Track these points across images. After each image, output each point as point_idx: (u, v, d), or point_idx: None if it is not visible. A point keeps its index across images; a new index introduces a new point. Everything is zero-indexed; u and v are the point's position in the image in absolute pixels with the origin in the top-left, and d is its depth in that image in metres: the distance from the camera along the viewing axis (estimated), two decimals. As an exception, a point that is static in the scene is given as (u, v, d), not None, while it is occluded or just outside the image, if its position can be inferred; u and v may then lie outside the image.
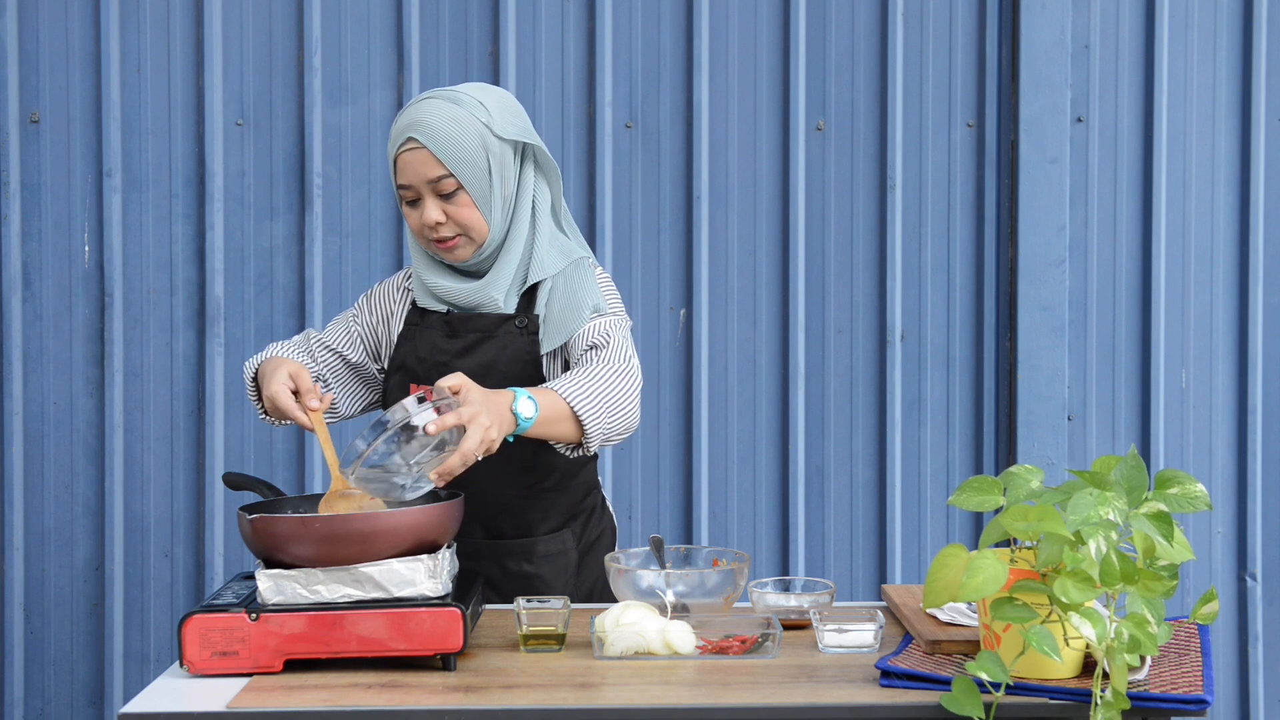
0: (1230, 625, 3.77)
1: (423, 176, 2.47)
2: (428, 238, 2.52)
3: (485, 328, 2.54)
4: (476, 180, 2.48)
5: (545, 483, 2.59)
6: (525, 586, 2.59)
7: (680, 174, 3.73)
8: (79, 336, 3.72)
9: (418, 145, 2.46)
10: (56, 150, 3.70)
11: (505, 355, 2.52)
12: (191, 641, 2.09)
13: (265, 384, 2.43)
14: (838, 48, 3.72)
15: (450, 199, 2.48)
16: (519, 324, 2.53)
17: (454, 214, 2.49)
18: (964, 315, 3.75)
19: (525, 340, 2.53)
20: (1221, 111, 3.72)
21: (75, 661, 3.75)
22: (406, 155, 2.48)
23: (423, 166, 2.47)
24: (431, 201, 2.48)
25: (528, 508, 2.59)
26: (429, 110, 2.47)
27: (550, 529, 2.62)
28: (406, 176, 2.49)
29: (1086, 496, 1.89)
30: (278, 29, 3.71)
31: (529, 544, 2.60)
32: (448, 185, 2.47)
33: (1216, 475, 3.76)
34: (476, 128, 2.47)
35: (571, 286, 2.54)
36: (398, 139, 2.50)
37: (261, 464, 3.72)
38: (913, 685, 2.01)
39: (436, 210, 2.48)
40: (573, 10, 3.71)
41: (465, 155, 2.46)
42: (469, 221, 2.50)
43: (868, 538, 3.76)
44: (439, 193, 2.48)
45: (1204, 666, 2.07)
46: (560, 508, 2.63)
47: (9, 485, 3.71)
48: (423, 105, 2.48)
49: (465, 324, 2.55)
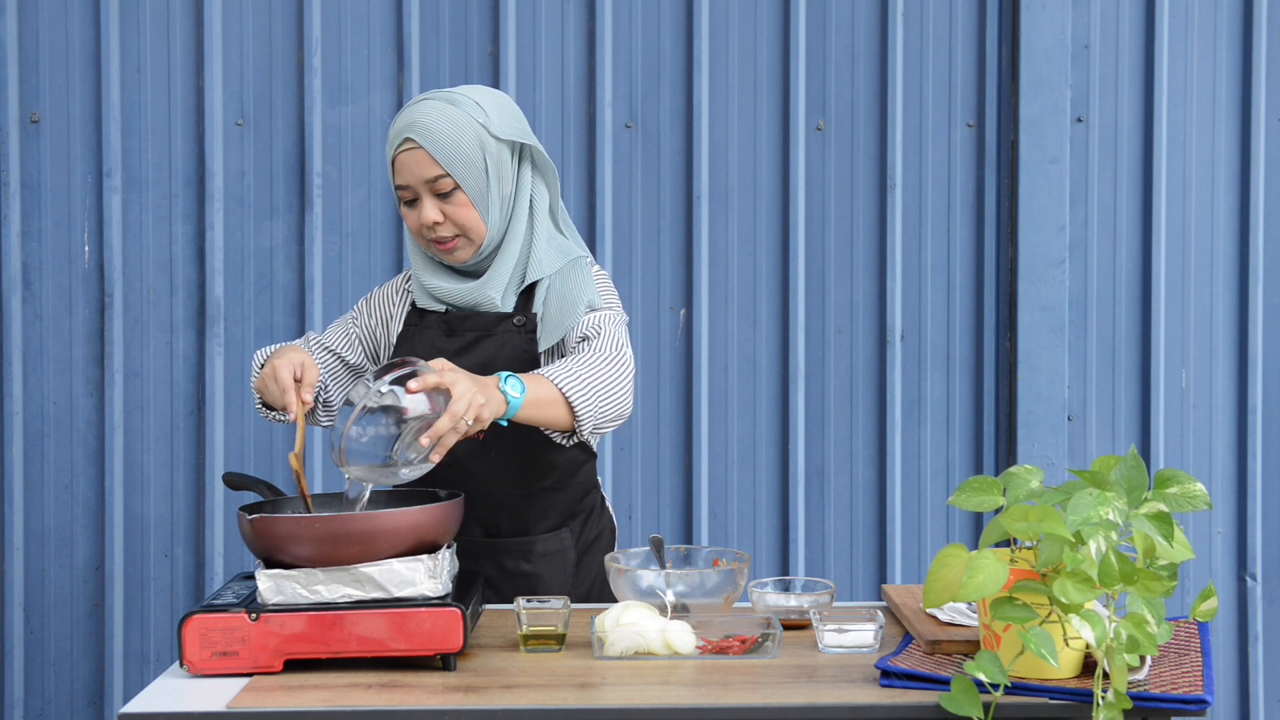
0: (1230, 625, 3.77)
1: (420, 176, 2.48)
2: (426, 238, 2.54)
3: (483, 326, 2.55)
4: (474, 180, 2.49)
5: (544, 482, 2.59)
6: (523, 585, 2.59)
7: (680, 174, 3.72)
8: (79, 336, 3.72)
9: (415, 145, 2.48)
10: (56, 150, 3.70)
11: (503, 353, 2.53)
12: (191, 641, 2.09)
13: (272, 360, 2.41)
14: (838, 48, 3.72)
15: (447, 199, 2.49)
16: (517, 322, 2.54)
17: (451, 214, 2.50)
18: (964, 315, 3.75)
19: (523, 338, 2.54)
20: (1221, 111, 3.72)
21: (75, 661, 3.75)
22: (404, 156, 2.49)
23: (420, 166, 2.48)
24: (429, 201, 2.50)
25: (526, 506, 2.60)
26: (426, 111, 2.48)
27: (548, 528, 2.62)
28: (404, 177, 2.50)
29: (1086, 496, 1.89)
30: (278, 29, 3.71)
31: (527, 543, 2.60)
32: (445, 185, 2.48)
33: (1216, 475, 3.76)
34: (473, 128, 2.48)
35: (568, 284, 2.55)
36: (395, 140, 2.51)
37: (261, 464, 3.72)
38: (912, 685, 2.01)
39: (434, 210, 2.49)
40: (573, 10, 3.71)
41: (462, 155, 2.47)
42: (466, 221, 2.51)
43: (868, 538, 3.76)
44: (436, 192, 2.49)
45: (1204, 666, 2.07)
46: (559, 507, 2.63)
47: (9, 485, 3.71)
48: (420, 106, 2.50)
49: (463, 323, 2.56)
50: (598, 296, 2.56)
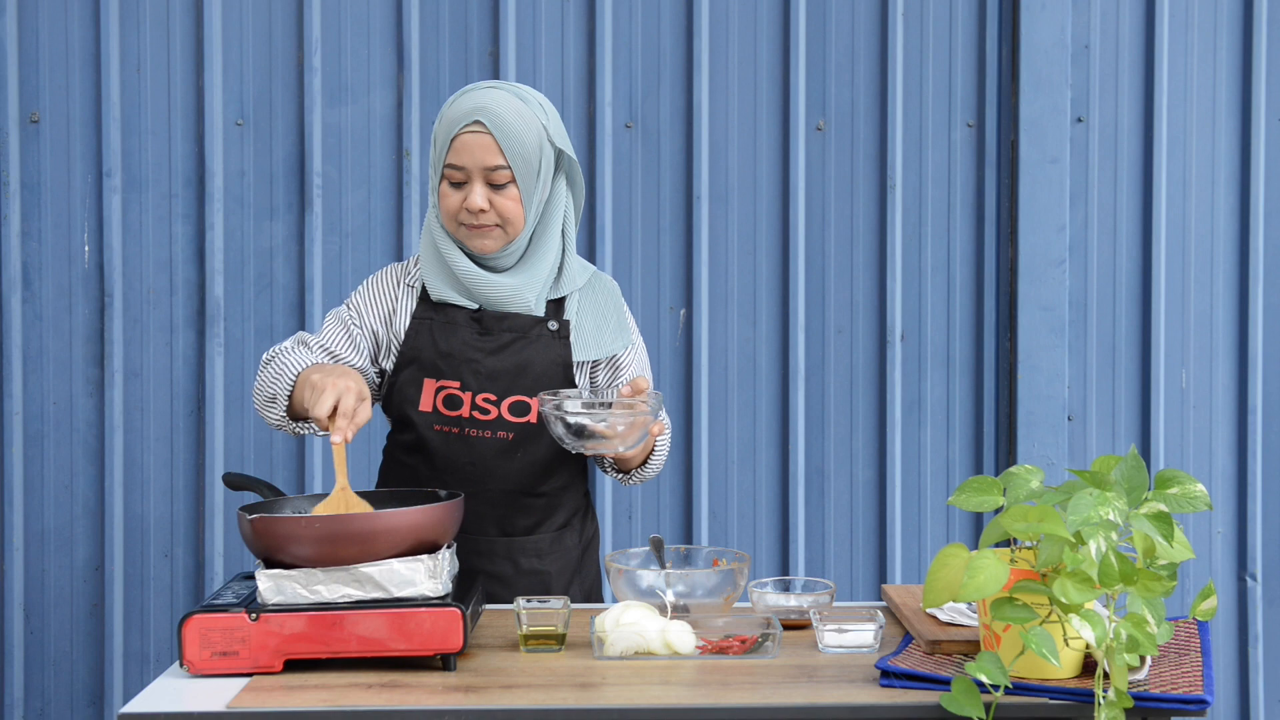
0: (1230, 625, 3.77)
1: (481, 162, 2.48)
2: (462, 221, 2.52)
3: (519, 328, 2.56)
4: (527, 177, 2.51)
5: (557, 481, 2.63)
6: (536, 582, 2.61)
7: (680, 174, 3.73)
8: (79, 336, 3.72)
9: (483, 130, 2.48)
10: (56, 150, 3.70)
11: (541, 358, 2.55)
12: (191, 641, 2.09)
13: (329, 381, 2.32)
14: (838, 48, 3.72)
15: (500, 190, 2.50)
16: (551, 328, 2.57)
17: (498, 204, 2.51)
18: (964, 315, 3.75)
19: (559, 344, 2.57)
20: (1221, 111, 3.72)
21: (75, 661, 3.75)
22: (468, 137, 2.49)
23: (484, 152, 2.48)
24: (480, 187, 2.50)
25: (541, 505, 2.62)
26: (498, 100, 2.49)
27: (558, 525, 2.64)
28: (462, 158, 2.49)
29: (1086, 497, 1.89)
30: (278, 29, 3.71)
31: (540, 541, 2.62)
32: (502, 176, 2.49)
33: (1216, 475, 3.76)
34: (538, 127, 2.50)
35: (599, 300, 2.63)
36: (461, 119, 2.49)
37: (261, 464, 3.72)
38: (913, 685, 2.01)
39: (483, 198, 2.49)
40: (573, 10, 3.71)
41: (525, 151, 2.49)
42: (511, 215, 2.51)
43: (868, 538, 3.76)
44: (491, 181, 2.50)
45: (1204, 666, 2.07)
46: (567, 505, 2.66)
47: (9, 485, 3.71)
48: (490, 93, 2.50)
49: (499, 323, 2.56)
50: (624, 315, 2.65)
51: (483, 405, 2.55)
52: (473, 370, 2.54)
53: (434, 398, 2.56)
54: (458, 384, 2.54)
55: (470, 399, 2.54)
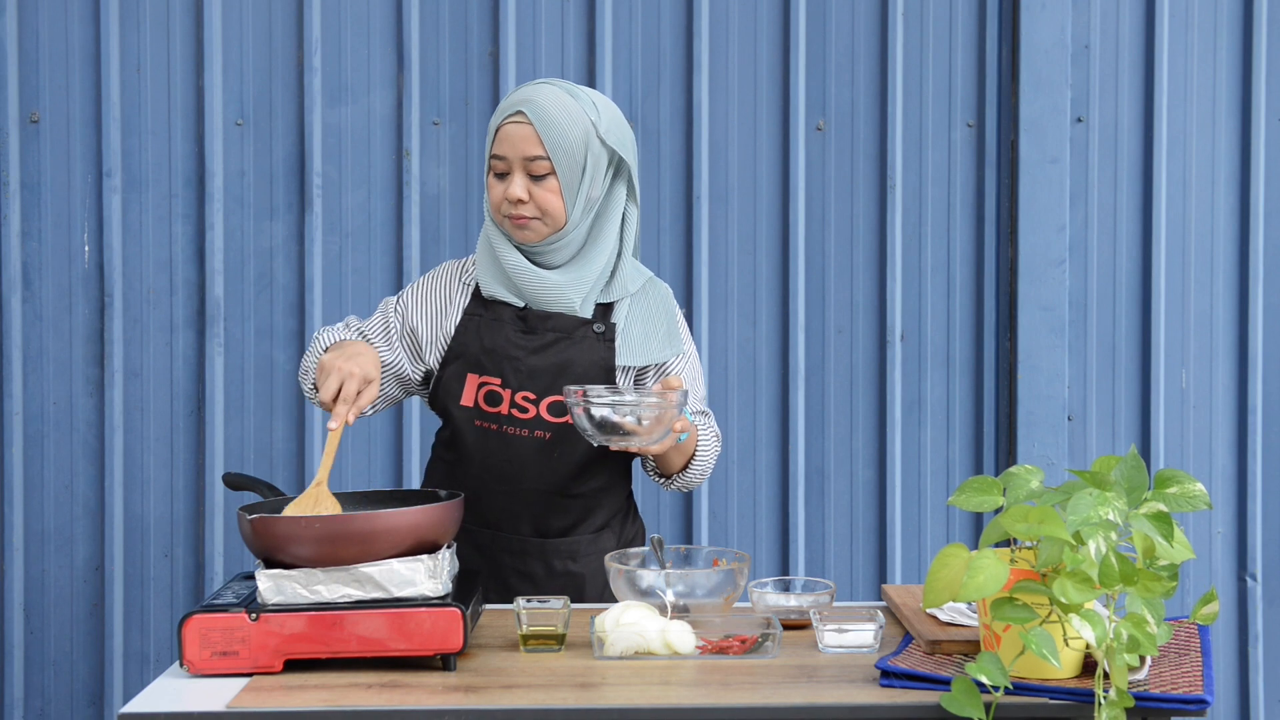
0: (1230, 625, 3.77)
1: (521, 152, 2.51)
2: (504, 212, 2.54)
3: (563, 328, 2.56)
4: (569, 171, 2.52)
5: (595, 482, 2.62)
6: (569, 585, 2.61)
7: (680, 174, 3.73)
8: (79, 336, 3.72)
9: (525, 121, 2.50)
10: (56, 150, 3.70)
11: (583, 359, 2.56)
12: (191, 641, 2.09)
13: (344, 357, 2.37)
14: (838, 48, 3.72)
15: (540, 181, 2.52)
16: (597, 329, 2.57)
17: (539, 196, 2.52)
18: (964, 315, 3.75)
19: (603, 347, 2.57)
20: (1221, 111, 3.72)
21: (75, 661, 3.75)
22: (511, 127, 2.52)
23: (524, 143, 2.50)
24: (520, 178, 2.52)
25: (578, 507, 2.62)
26: (544, 93, 2.52)
27: (595, 528, 2.64)
28: (504, 148, 2.52)
29: (1086, 497, 1.89)
30: (278, 29, 3.71)
31: (575, 543, 2.62)
32: (541, 167, 2.51)
33: (1216, 475, 3.76)
34: (584, 123, 2.51)
35: (651, 306, 2.62)
36: (506, 110, 2.53)
37: (261, 464, 3.72)
38: (913, 685, 2.01)
39: (522, 188, 2.51)
40: (573, 10, 3.71)
41: (566, 144, 2.50)
42: (550, 207, 2.52)
43: (868, 538, 3.76)
44: (531, 172, 2.51)
45: (1204, 666, 2.07)
46: (606, 508, 2.66)
47: (9, 485, 3.71)
48: (539, 87, 2.53)
49: (544, 322, 2.57)
50: (676, 323, 2.63)
51: (522, 403, 2.55)
52: (514, 367, 2.55)
53: (475, 393, 2.57)
54: (499, 380, 2.56)
55: (510, 396, 2.55)
